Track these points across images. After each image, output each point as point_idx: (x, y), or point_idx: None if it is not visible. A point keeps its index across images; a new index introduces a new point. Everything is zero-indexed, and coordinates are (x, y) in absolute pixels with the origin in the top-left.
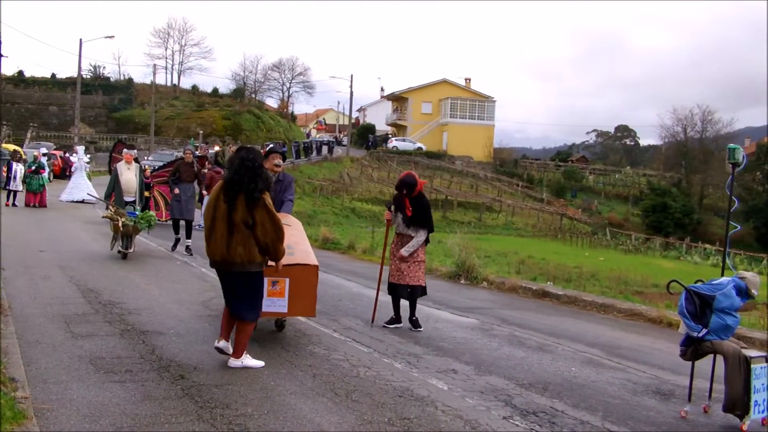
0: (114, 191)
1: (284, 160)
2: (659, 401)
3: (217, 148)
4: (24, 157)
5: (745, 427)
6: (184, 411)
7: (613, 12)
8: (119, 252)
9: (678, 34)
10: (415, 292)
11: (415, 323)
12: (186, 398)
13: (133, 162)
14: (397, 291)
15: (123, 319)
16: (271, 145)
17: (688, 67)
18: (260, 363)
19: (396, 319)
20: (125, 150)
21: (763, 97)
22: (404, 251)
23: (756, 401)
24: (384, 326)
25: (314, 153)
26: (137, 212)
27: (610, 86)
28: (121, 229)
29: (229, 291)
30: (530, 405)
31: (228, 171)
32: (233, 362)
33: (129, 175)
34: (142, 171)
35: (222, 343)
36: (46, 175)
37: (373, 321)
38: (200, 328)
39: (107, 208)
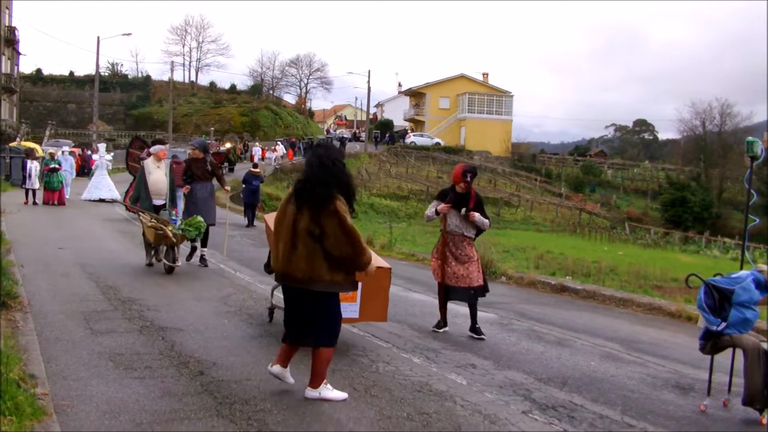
0: (140, 194)
1: None
2: (678, 395)
3: (228, 145)
4: (41, 154)
5: (764, 421)
6: (203, 407)
7: (631, 5)
8: (164, 265)
9: (696, 27)
10: (477, 293)
11: (478, 331)
12: (205, 394)
13: (163, 160)
14: (456, 294)
15: (142, 315)
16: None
17: (706, 61)
18: (343, 395)
19: (443, 323)
20: (158, 146)
21: None
22: (477, 215)
23: None
24: (433, 330)
25: None
26: (177, 218)
27: (628, 80)
28: (172, 240)
29: (290, 310)
30: (549, 399)
31: (303, 170)
32: (310, 392)
33: (158, 175)
34: (172, 169)
35: (275, 368)
36: (63, 172)
37: (443, 325)
38: (219, 324)
39: (131, 211)
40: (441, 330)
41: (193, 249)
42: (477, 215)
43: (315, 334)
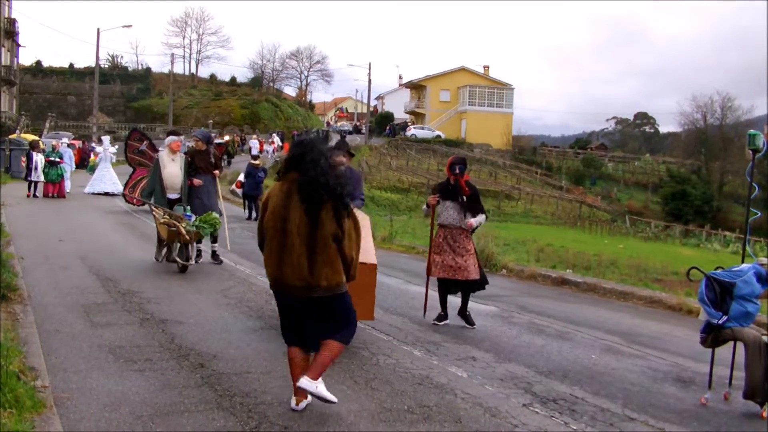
0: (154, 189)
1: (352, 156)
2: (679, 388)
3: (227, 138)
4: (43, 146)
5: (765, 414)
6: (203, 399)
7: None
8: (177, 264)
9: (699, 20)
10: (472, 287)
11: (468, 319)
12: (205, 387)
13: (178, 152)
14: (450, 288)
15: (142, 308)
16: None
17: (709, 54)
18: (333, 398)
19: (444, 315)
20: (172, 137)
21: None
22: (474, 221)
23: None
24: (434, 324)
25: None
26: (191, 214)
27: (630, 73)
28: (186, 237)
29: (311, 320)
30: (550, 392)
31: (303, 170)
32: (306, 383)
33: (173, 168)
34: (187, 162)
35: (303, 404)
36: (65, 165)
37: (425, 314)
38: (219, 316)
39: (131, 202)
40: (442, 323)
41: (199, 252)
42: (474, 221)
43: (344, 328)
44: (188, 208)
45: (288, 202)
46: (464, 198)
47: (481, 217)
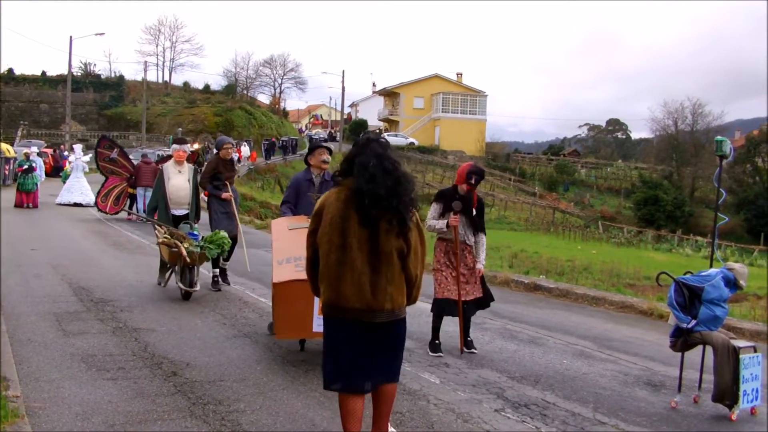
0: (158, 204)
1: (330, 153)
2: (650, 392)
3: (196, 146)
4: (12, 155)
5: (734, 417)
6: (176, 407)
7: (610, 3)
8: (180, 290)
9: (674, 24)
10: (480, 305)
11: (471, 344)
12: (178, 395)
13: (186, 162)
14: (462, 309)
15: (115, 316)
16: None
17: (684, 58)
18: None
19: (439, 343)
20: (176, 146)
21: (753, 89)
22: (480, 266)
23: (745, 391)
24: (437, 355)
25: (291, 151)
26: (198, 232)
27: (606, 79)
28: (187, 259)
29: (371, 352)
30: (522, 397)
31: (361, 176)
32: None
33: (179, 180)
34: (197, 173)
35: None
36: (38, 173)
37: (462, 350)
38: (193, 324)
39: (102, 210)
40: (437, 354)
41: (215, 277)
42: (481, 266)
43: (399, 367)
44: (195, 226)
45: (347, 213)
46: (473, 212)
47: (483, 249)
